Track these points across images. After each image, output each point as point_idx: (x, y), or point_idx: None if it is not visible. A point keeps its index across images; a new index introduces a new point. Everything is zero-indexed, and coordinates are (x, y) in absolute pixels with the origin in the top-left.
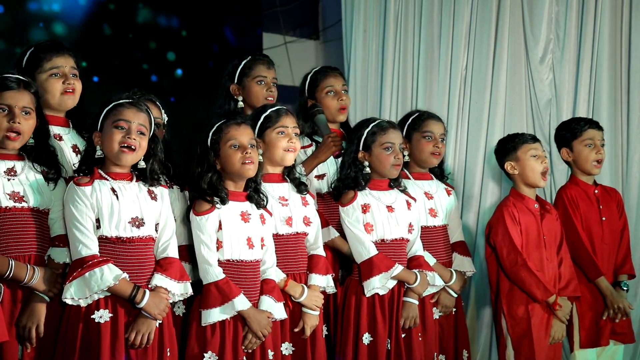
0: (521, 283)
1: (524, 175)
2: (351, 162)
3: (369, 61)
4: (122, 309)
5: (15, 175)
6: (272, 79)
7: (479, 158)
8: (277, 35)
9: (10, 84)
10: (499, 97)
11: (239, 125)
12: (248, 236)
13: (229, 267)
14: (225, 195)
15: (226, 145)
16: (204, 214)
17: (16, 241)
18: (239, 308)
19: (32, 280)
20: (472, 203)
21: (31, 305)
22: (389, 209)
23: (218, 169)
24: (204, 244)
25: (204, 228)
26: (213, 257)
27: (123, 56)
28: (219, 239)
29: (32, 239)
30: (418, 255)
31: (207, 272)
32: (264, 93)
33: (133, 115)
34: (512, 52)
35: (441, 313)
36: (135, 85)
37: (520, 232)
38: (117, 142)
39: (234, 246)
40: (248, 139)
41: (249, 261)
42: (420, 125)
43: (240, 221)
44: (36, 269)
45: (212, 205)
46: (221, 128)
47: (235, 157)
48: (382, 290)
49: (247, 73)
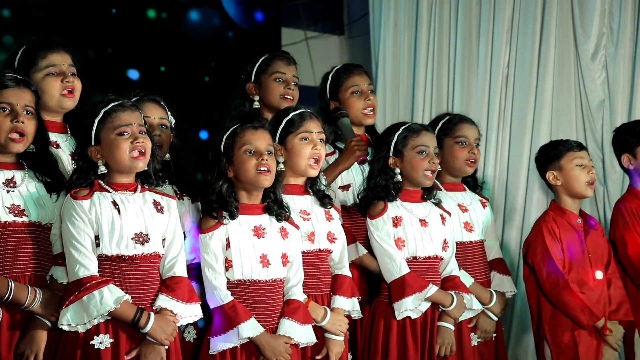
0: (564, 307)
1: (568, 186)
2: (381, 168)
3: (399, 59)
4: (124, 334)
5: (15, 186)
6: (292, 77)
7: (522, 167)
8: (297, 30)
9: (9, 82)
10: (545, 99)
11: (255, 129)
12: (262, 253)
13: (240, 289)
14: (235, 209)
15: (240, 150)
16: (207, 232)
17: (15, 259)
18: (246, 335)
19: (33, 304)
20: (514, 217)
21: (31, 331)
22: (423, 223)
23: (230, 176)
24: (207, 265)
25: (208, 247)
26: (219, 280)
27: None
28: (228, 258)
29: (32, 256)
30: (454, 275)
31: (213, 296)
32: (281, 91)
33: (130, 116)
34: (559, 48)
35: (480, 339)
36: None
37: (562, 250)
38: (126, 150)
39: (245, 265)
40: (265, 145)
41: (265, 281)
42: (452, 130)
43: (252, 237)
44: (38, 291)
45: (218, 221)
46: (236, 132)
47: (249, 163)
48: (415, 313)
49: (264, 69)
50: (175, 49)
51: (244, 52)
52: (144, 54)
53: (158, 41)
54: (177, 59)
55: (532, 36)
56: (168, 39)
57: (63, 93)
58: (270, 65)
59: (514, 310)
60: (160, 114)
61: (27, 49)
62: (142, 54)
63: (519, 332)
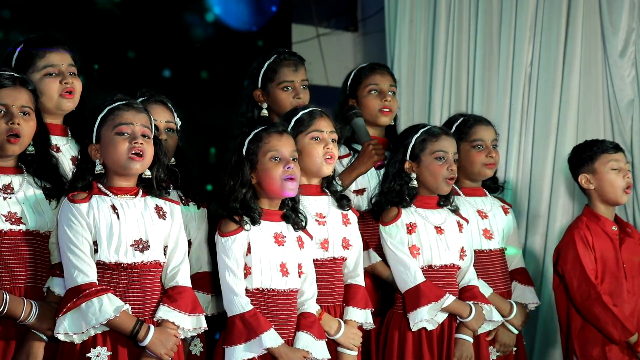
0: (595, 320)
1: (602, 190)
2: (396, 173)
3: (416, 57)
4: (124, 348)
5: (13, 192)
6: (300, 82)
7: (546, 170)
8: (308, 26)
9: (4, 81)
10: (570, 98)
11: (280, 134)
12: (282, 262)
13: (258, 298)
14: (258, 216)
15: (266, 157)
16: (229, 235)
17: (10, 270)
18: (267, 345)
19: (28, 318)
20: (538, 224)
21: (27, 345)
22: (438, 230)
23: (254, 183)
24: (229, 270)
25: (230, 251)
26: (239, 286)
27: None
28: (247, 265)
29: (27, 267)
30: (472, 285)
31: (232, 303)
32: (291, 100)
33: (133, 117)
34: (586, 45)
35: (499, 353)
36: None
37: (595, 259)
38: (123, 150)
39: (265, 273)
40: (290, 151)
41: (283, 291)
42: (467, 133)
43: (273, 244)
44: (34, 304)
45: (240, 226)
46: (260, 136)
47: (276, 171)
48: (431, 325)
49: (271, 77)
50: (179, 51)
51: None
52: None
53: (162, 44)
54: (181, 61)
55: (557, 32)
56: (173, 42)
57: (62, 94)
58: (277, 72)
59: (537, 322)
60: (167, 116)
61: (25, 48)
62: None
63: (543, 345)
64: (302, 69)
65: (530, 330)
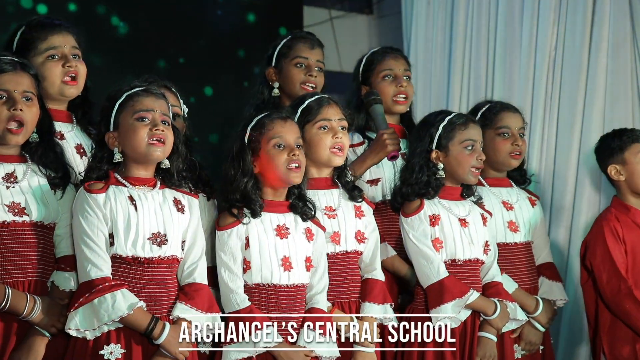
0: (625, 316)
1: (632, 182)
2: (424, 163)
3: (433, 40)
4: (138, 346)
5: (16, 181)
6: (315, 62)
7: (571, 160)
8: (321, 9)
9: (5, 65)
10: (597, 84)
11: (284, 120)
12: (284, 255)
13: (259, 293)
14: (260, 208)
15: (269, 144)
16: (225, 229)
17: (15, 263)
18: (262, 344)
19: (31, 314)
20: (562, 216)
21: (28, 341)
22: (462, 222)
23: (256, 172)
24: (224, 266)
25: (226, 246)
26: (236, 282)
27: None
28: (247, 259)
29: (33, 260)
30: (496, 281)
31: (228, 300)
32: (302, 78)
33: (153, 103)
34: (614, 27)
35: (524, 352)
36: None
37: (625, 252)
38: (143, 136)
39: (265, 267)
40: (295, 138)
41: (286, 286)
42: (493, 120)
43: (274, 237)
44: (37, 299)
45: (237, 219)
46: (263, 122)
47: (280, 159)
48: (454, 322)
49: (285, 53)
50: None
51: (261, 36)
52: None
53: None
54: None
55: (583, 14)
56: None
57: (65, 80)
58: (292, 48)
59: (561, 319)
60: (171, 101)
61: (26, 31)
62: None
63: (569, 343)
64: (319, 50)
65: (554, 328)
